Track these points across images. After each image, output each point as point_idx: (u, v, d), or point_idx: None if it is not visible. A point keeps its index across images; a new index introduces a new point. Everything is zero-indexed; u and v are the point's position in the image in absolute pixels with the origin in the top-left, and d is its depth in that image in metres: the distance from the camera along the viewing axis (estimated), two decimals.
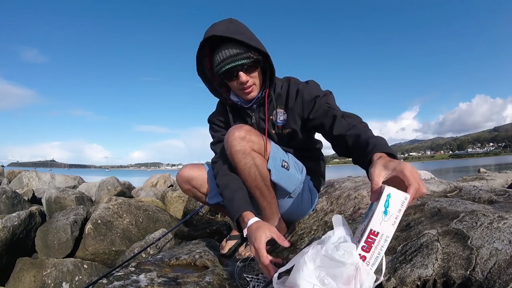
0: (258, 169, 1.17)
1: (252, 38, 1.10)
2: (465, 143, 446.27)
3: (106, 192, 5.12)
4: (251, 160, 1.16)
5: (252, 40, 1.09)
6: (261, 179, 1.19)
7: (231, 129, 1.17)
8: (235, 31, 1.08)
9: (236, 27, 1.10)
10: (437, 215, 1.09)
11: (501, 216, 0.93)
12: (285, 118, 1.26)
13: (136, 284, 0.98)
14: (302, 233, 1.40)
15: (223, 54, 1.09)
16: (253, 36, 1.13)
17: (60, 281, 2.17)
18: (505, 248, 0.77)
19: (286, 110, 1.26)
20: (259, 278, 1.00)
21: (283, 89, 1.26)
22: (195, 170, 1.43)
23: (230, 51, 1.08)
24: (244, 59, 1.09)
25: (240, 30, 1.10)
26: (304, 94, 1.21)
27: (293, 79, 1.29)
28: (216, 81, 1.24)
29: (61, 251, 2.51)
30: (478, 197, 1.32)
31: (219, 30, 1.07)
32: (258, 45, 1.10)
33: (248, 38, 1.08)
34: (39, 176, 7.03)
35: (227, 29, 1.07)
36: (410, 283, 0.79)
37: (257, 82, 1.19)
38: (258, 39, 1.15)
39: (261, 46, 1.12)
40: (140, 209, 2.74)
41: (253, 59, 1.11)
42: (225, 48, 1.09)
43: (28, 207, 3.70)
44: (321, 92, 1.22)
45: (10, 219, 2.53)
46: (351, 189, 1.70)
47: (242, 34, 1.08)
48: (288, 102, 1.24)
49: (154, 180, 7.27)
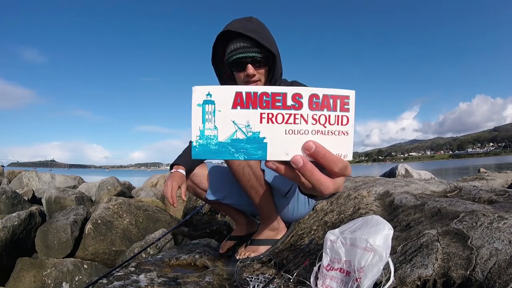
0: (251, 169, 1.20)
1: (265, 37, 1.13)
2: (465, 143, 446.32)
3: (106, 192, 5.12)
4: (244, 161, 1.18)
5: (265, 40, 1.13)
6: (255, 179, 1.21)
7: None
8: (251, 29, 1.12)
9: (253, 26, 1.13)
10: (437, 215, 1.09)
11: (501, 216, 0.93)
12: None
13: (136, 284, 0.98)
14: (302, 233, 1.40)
15: (236, 45, 1.14)
16: (268, 35, 1.16)
17: (60, 281, 2.17)
18: (505, 248, 0.77)
19: None
20: (259, 278, 1.00)
21: None
22: (196, 167, 1.45)
23: (242, 43, 1.13)
24: (254, 52, 1.13)
25: (256, 29, 1.13)
26: None
27: (298, 83, 1.30)
28: (227, 75, 1.28)
29: (61, 251, 2.51)
30: (478, 197, 1.32)
31: (235, 26, 1.12)
32: (270, 45, 1.13)
33: (261, 37, 1.12)
34: (39, 176, 7.03)
35: (243, 26, 1.12)
36: (410, 283, 0.79)
37: (263, 79, 1.20)
38: (273, 40, 1.17)
39: (272, 46, 1.14)
40: (140, 209, 2.74)
41: (262, 55, 1.14)
42: (238, 41, 1.14)
43: (28, 207, 3.70)
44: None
45: (10, 219, 2.53)
46: (351, 189, 1.70)
47: (257, 33, 1.12)
48: None
49: (154, 180, 7.27)
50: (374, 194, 1.53)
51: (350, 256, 0.81)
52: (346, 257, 0.82)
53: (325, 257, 0.88)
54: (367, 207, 1.39)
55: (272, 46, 1.14)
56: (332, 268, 0.85)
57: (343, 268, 0.82)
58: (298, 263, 1.10)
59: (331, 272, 0.84)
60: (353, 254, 0.80)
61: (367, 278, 0.74)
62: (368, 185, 1.71)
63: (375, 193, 1.54)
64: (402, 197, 1.37)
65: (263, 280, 0.98)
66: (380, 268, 0.74)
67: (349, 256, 0.81)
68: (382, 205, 1.40)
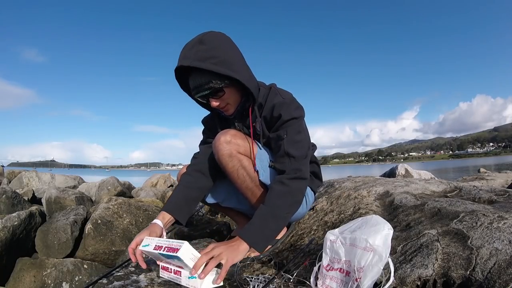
0: (245, 170, 1.19)
1: (220, 62, 1.05)
2: (465, 143, 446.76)
3: (106, 192, 5.13)
4: (238, 163, 1.17)
5: (222, 64, 1.05)
6: (250, 180, 1.21)
7: (217, 135, 1.18)
8: (202, 57, 1.04)
9: (206, 51, 1.04)
10: (437, 215, 1.09)
11: (501, 216, 0.93)
12: (261, 127, 1.25)
13: (136, 284, 0.98)
14: (302, 233, 1.40)
15: (191, 84, 1.11)
16: (224, 55, 1.07)
17: (60, 281, 2.17)
18: (505, 248, 0.77)
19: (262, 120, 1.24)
20: (259, 278, 1.00)
21: (263, 99, 1.23)
22: None
23: (195, 81, 1.09)
24: (206, 90, 1.09)
25: (209, 53, 1.04)
26: (275, 109, 1.18)
27: (273, 89, 1.24)
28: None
29: (61, 251, 2.51)
30: (478, 197, 1.32)
31: (186, 58, 1.05)
32: (228, 69, 1.06)
33: (215, 64, 1.04)
34: (39, 176, 7.03)
35: (195, 56, 1.04)
36: (410, 283, 0.79)
37: (231, 101, 1.17)
38: (232, 56, 1.10)
39: (230, 71, 1.06)
40: (140, 209, 2.74)
41: (217, 87, 1.09)
42: (192, 78, 1.10)
43: (28, 207, 3.70)
44: (291, 114, 1.17)
45: (10, 219, 2.53)
46: (351, 189, 1.70)
47: (210, 59, 1.04)
48: (263, 112, 1.22)
49: (154, 180, 7.28)
50: (374, 194, 1.54)
51: (350, 256, 0.81)
52: (346, 257, 0.82)
53: (325, 257, 0.88)
54: (367, 207, 1.39)
55: (232, 67, 1.06)
56: (332, 268, 0.85)
57: (343, 268, 0.82)
58: (298, 263, 1.10)
59: (331, 272, 0.85)
60: (353, 254, 0.80)
61: (367, 278, 0.74)
62: (368, 185, 1.72)
63: (375, 193, 1.55)
64: (402, 197, 1.37)
65: (263, 280, 0.98)
66: (380, 268, 0.75)
67: (349, 256, 0.81)
68: (382, 205, 1.40)
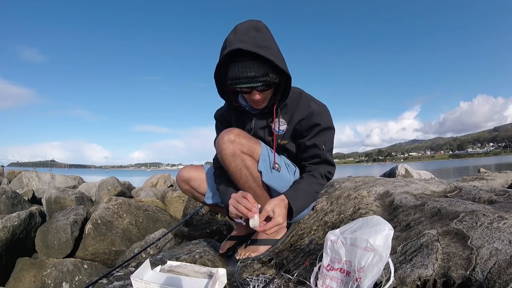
0: (248, 170, 1.19)
1: (277, 55, 1.03)
2: (465, 143, 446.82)
3: (106, 192, 5.13)
4: (241, 162, 1.17)
5: (278, 58, 1.02)
6: (252, 180, 1.21)
7: (221, 133, 1.18)
8: (261, 45, 0.99)
9: (263, 40, 1.01)
10: (437, 215, 1.09)
11: (501, 216, 0.93)
12: (284, 129, 1.25)
13: None
14: (302, 233, 1.40)
15: (241, 72, 1.02)
16: (278, 50, 1.06)
17: (60, 281, 2.17)
18: (505, 248, 0.77)
19: (289, 123, 1.24)
20: (259, 278, 1.00)
21: (291, 101, 1.23)
22: (194, 171, 1.45)
23: (248, 71, 1.01)
24: (260, 82, 1.04)
25: (266, 42, 1.01)
26: (312, 118, 1.20)
27: (305, 95, 1.25)
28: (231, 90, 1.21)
29: (61, 251, 2.52)
30: (478, 197, 1.32)
31: (243, 42, 0.98)
32: (283, 65, 1.04)
33: (274, 55, 1.01)
34: (39, 176, 7.04)
35: (253, 42, 0.98)
36: (410, 283, 0.79)
37: (268, 96, 1.17)
38: (281, 55, 1.07)
39: (285, 66, 1.05)
40: (140, 209, 2.74)
41: (271, 82, 1.06)
42: (243, 66, 1.01)
43: (28, 207, 3.70)
44: (329, 124, 1.22)
45: (10, 219, 2.53)
46: (351, 189, 1.70)
47: (268, 49, 1.00)
48: (294, 117, 1.22)
49: (154, 180, 7.28)
50: (374, 194, 1.54)
51: (351, 256, 0.81)
52: (346, 257, 0.82)
53: (325, 257, 0.88)
54: (367, 207, 1.39)
55: (285, 65, 1.04)
56: (332, 268, 0.85)
57: (343, 268, 0.82)
58: (298, 263, 1.10)
59: (331, 272, 0.85)
60: (353, 254, 0.80)
61: (367, 278, 0.74)
62: (368, 185, 1.71)
63: (375, 193, 1.55)
64: (402, 197, 1.37)
65: (263, 280, 0.98)
66: (380, 268, 0.75)
67: (349, 256, 0.81)
68: (382, 205, 1.40)
